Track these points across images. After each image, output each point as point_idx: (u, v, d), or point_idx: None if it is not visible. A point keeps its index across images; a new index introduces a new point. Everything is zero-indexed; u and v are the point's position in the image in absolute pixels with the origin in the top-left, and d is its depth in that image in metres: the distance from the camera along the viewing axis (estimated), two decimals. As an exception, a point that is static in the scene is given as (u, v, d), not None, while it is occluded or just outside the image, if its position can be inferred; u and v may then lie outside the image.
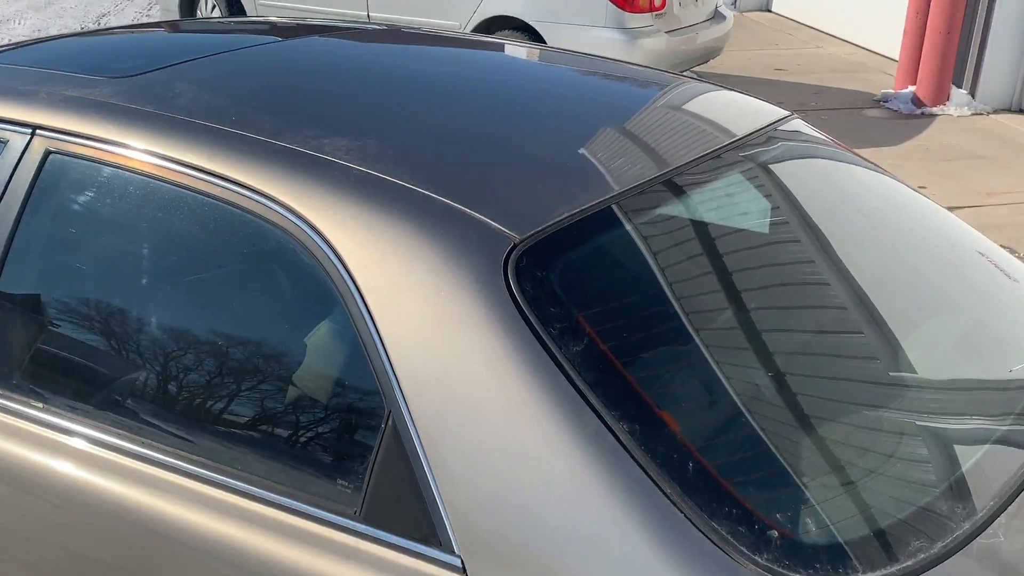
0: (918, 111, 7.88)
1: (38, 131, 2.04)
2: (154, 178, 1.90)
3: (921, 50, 8.05)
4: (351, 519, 1.64)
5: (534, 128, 2.11)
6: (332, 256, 1.69)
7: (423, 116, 2.11)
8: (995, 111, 8.00)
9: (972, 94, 8.05)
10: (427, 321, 1.62)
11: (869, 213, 2.30)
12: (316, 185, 1.76)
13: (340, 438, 1.77)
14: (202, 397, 1.91)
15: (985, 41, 7.97)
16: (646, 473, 1.48)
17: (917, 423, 1.81)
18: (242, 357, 1.91)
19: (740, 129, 2.20)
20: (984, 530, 1.55)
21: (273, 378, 1.86)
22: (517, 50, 2.90)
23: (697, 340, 1.76)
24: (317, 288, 1.74)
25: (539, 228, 1.70)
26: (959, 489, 1.65)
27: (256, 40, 2.71)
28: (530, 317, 1.59)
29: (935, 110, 7.90)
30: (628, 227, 1.82)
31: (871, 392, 1.84)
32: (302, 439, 1.81)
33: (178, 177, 1.86)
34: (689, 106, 2.36)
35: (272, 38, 2.73)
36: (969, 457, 1.74)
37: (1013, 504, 1.60)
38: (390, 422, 1.62)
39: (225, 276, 1.96)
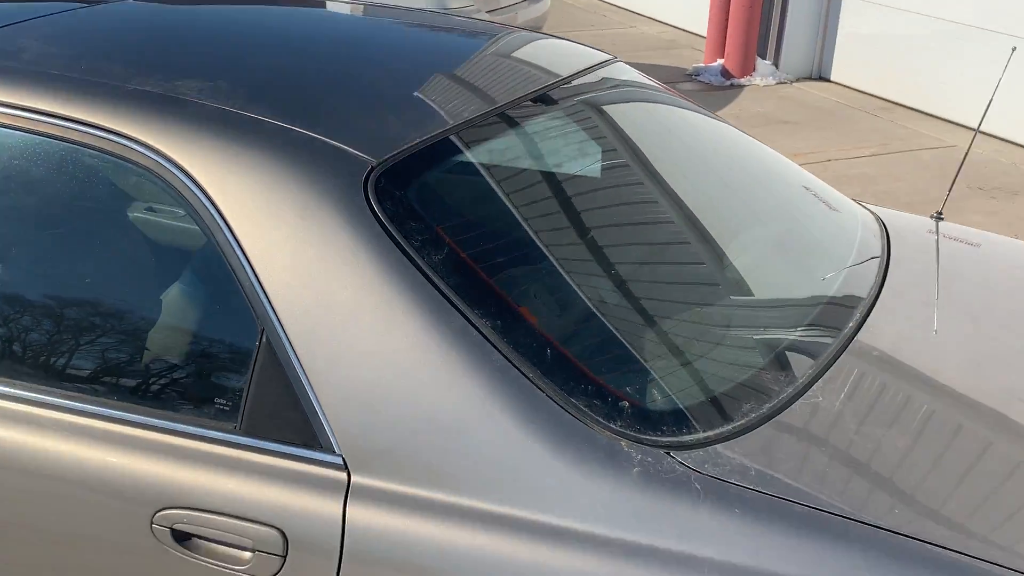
0: (727, 82, 8.30)
1: None
2: (9, 128, 1.94)
3: (727, 25, 8.48)
4: (232, 433, 1.74)
5: (379, 70, 2.23)
6: (196, 189, 1.77)
7: (272, 59, 2.21)
8: (797, 79, 8.49)
9: (776, 64, 8.52)
10: (293, 242, 1.72)
11: (695, 141, 2.51)
12: (174, 123, 1.83)
13: (216, 360, 1.86)
14: (81, 334, 1.97)
15: (785, 14, 8.46)
16: (509, 361, 1.63)
17: (741, 312, 2.02)
18: (117, 293, 1.97)
19: (567, 69, 2.38)
20: (804, 394, 1.76)
21: (149, 310, 1.93)
22: (359, 6, 3.01)
23: (546, 247, 1.92)
24: (184, 221, 1.82)
25: (393, 152, 1.83)
26: (780, 363, 1.86)
27: None
28: (392, 231, 1.71)
29: (743, 81, 8.33)
30: (473, 151, 1.97)
31: (701, 288, 2.04)
32: (179, 365, 1.90)
33: (35, 126, 1.90)
34: (519, 51, 2.52)
35: None
36: (788, 337, 1.95)
37: (826, 374, 1.82)
38: (264, 339, 1.72)
39: (92, 215, 2.02)
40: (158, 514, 1.74)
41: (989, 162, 6.82)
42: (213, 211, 1.77)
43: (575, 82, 2.33)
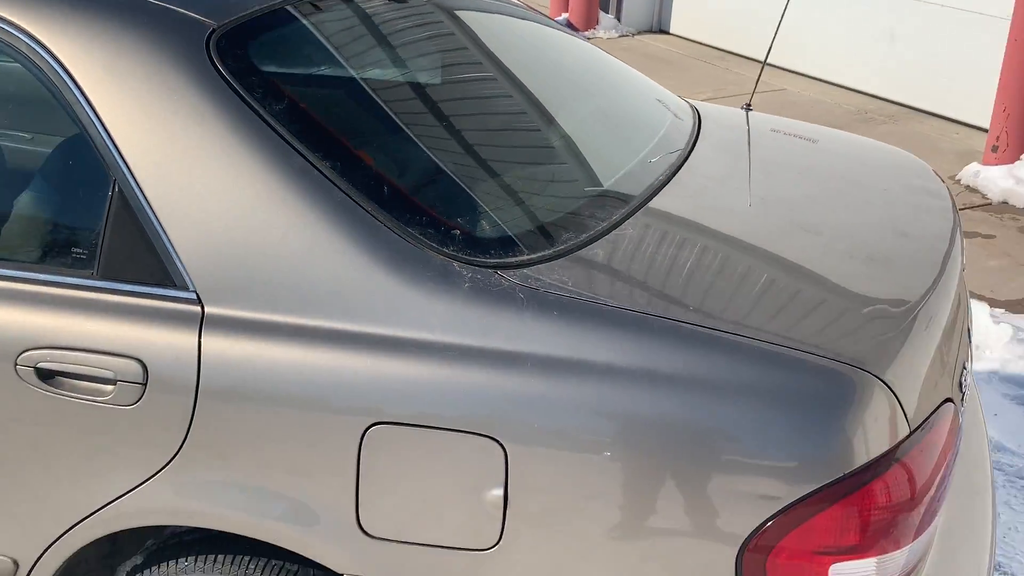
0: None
1: None
2: None
3: (571, -19, 8.73)
4: (90, 279, 1.86)
5: None
6: (48, 57, 1.88)
7: None
8: (638, 32, 8.81)
9: (618, 18, 8.83)
10: (142, 97, 1.85)
11: (534, 34, 2.69)
12: None
13: (74, 212, 1.97)
14: None
15: (625, -30, 8.78)
16: (348, 196, 1.79)
17: (564, 166, 2.23)
18: None
19: None
20: (613, 230, 1.97)
21: (8, 174, 2.03)
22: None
23: (383, 103, 2.08)
24: (38, 87, 1.92)
25: (233, 17, 1.97)
26: (596, 206, 2.07)
27: None
28: (233, 84, 1.86)
29: (587, 34, 8.61)
30: (310, 20, 2.12)
31: (528, 144, 2.23)
32: (37, 220, 2.00)
33: None
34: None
35: None
36: (602, 188, 2.17)
37: (634, 216, 2.04)
38: (116, 190, 1.85)
39: None
40: (21, 355, 1.85)
41: (815, 103, 7.23)
42: (64, 75, 1.88)
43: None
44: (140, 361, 1.80)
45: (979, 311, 4.49)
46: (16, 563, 1.98)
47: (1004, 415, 3.86)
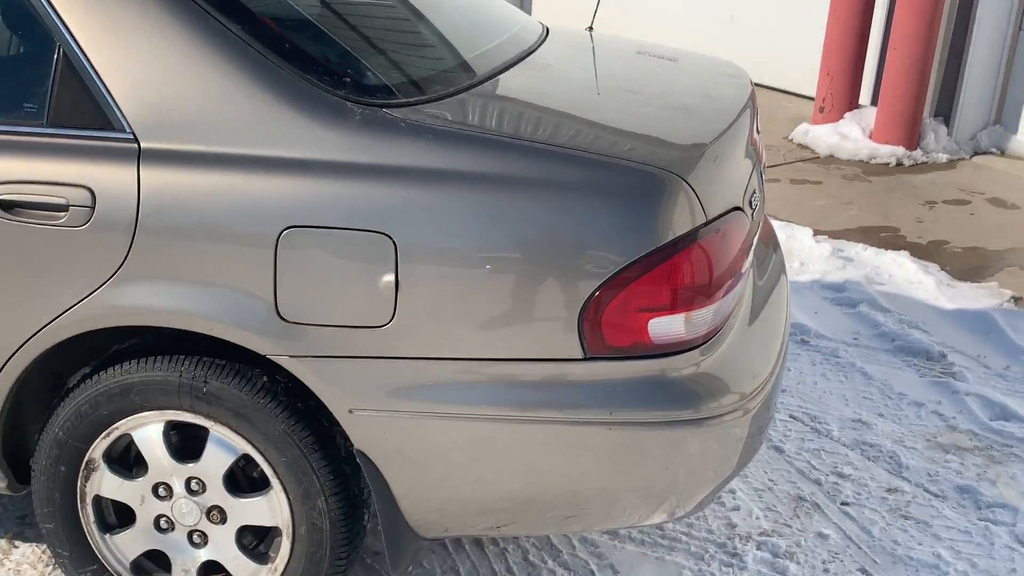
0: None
1: None
2: None
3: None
4: (41, 127, 2.27)
5: None
6: None
7: None
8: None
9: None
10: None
11: None
12: None
13: (27, 72, 2.36)
14: None
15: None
16: (258, 52, 2.23)
17: (438, 35, 2.72)
18: None
19: None
20: (479, 85, 2.47)
21: None
22: None
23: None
24: None
25: None
26: (465, 68, 2.56)
27: None
28: None
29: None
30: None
31: (407, 20, 2.72)
32: (3, 82, 2.40)
33: None
34: None
35: None
36: (470, 54, 2.66)
37: (496, 77, 2.54)
38: (60, 53, 2.25)
39: None
40: (-17, 191, 2.25)
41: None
42: None
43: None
44: (89, 189, 2.21)
45: (804, 235, 5.15)
46: (-24, 377, 2.36)
47: (823, 313, 4.48)
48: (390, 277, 2.15)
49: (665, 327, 2.18)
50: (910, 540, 3.07)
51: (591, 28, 3.49)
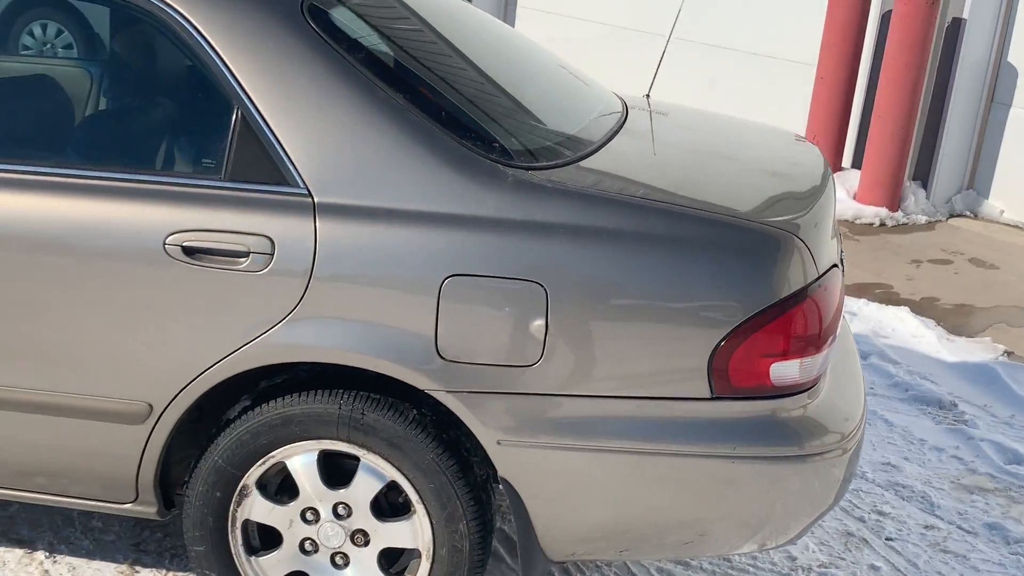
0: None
1: None
2: None
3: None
4: (219, 180, 2.52)
5: None
6: (187, 24, 2.54)
7: None
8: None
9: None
10: (261, 46, 2.53)
11: (493, 29, 3.45)
12: None
13: (207, 132, 2.61)
14: (125, 123, 2.69)
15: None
16: (421, 119, 2.51)
17: (554, 116, 3.01)
18: (150, 101, 2.72)
19: None
20: (594, 153, 2.77)
21: (157, 110, 2.67)
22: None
23: (434, 58, 2.82)
24: (178, 44, 2.58)
25: None
26: (581, 139, 2.86)
27: None
28: (324, 37, 2.56)
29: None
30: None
31: (529, 96, 3.01)
32: (180, 140, 2.65)
33: None
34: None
35: None
36: (581, 128, 2.95)
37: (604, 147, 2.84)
38: (239, 115, 2.52)
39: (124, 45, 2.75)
40: (169, 237, 2.48)
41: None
42: (195, 33, 2.54)
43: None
44: (269, 238, 2.46)
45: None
46: (150, 406, 2.58)
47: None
48: (541, 321, 2.42)
49: (783, 371, 2.48)
50: (952, 571, 3.38)
51: (648, 95, 3.80)
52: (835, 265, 2.68)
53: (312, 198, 2.48)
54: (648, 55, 8.88)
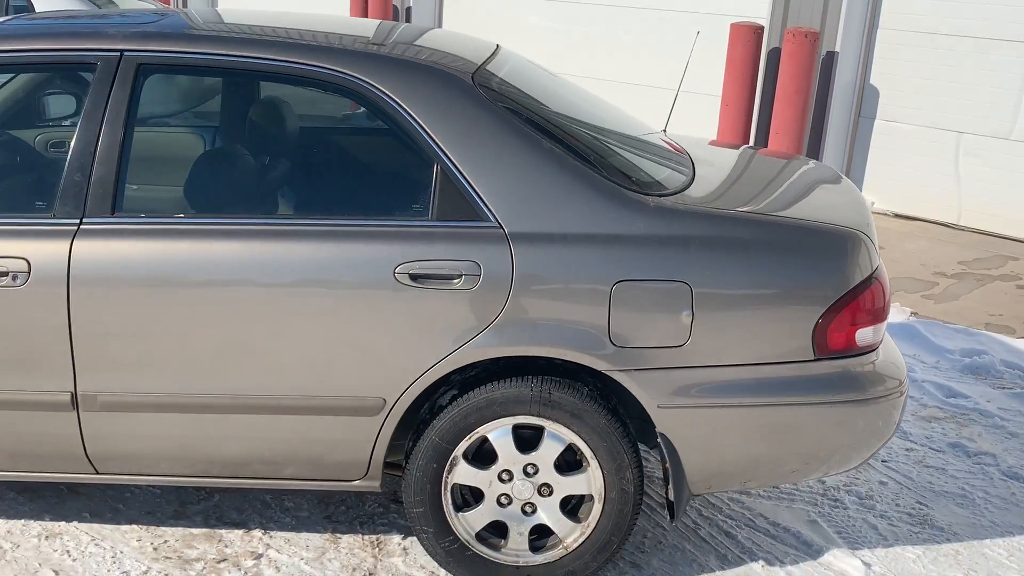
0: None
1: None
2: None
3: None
4: (429, 220, 2.79)
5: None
6: (386, 95, 2.81)
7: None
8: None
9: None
10: (449, 112, 2.81)
11: (582, 95, 3.76)
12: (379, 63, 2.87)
13: (416, 182, 2.87)
14: (348, 184, 2.99)
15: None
16: (582, 165, 2.82)
17: (659, 158, 3.34)
18: (356, 158, 2.96)
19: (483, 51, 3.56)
20: (691, 184, 3.12)
21: (377, 167, 2.93)
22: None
23: (581, 117, 3.13)
24: (385, 116, 2.84)
25: (477, 68, 2.97)
26: (678, 176, 3.20)
27: None
28: (491, 102, 2.85)
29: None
30: (503, 68, 3.13)
31: (638, 149, 3.33)
32: (399, 190, 2.91)
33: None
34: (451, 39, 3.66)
35: None
36: (669, 167, 3.29)
37: (695, 179, 3.19)
38: (439, 170, 2.79)
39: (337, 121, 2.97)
40: (398, 267, 2.74)
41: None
42: (398, 106, 2.81)
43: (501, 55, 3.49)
44: (476, 262, 2.75)
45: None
46: (384, 400, 2.83)
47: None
48: (688, 311, 2.76)
49: (863, 335, 2.87)
50: (938, 480, 3.84)
51: (664, 131, 4.16)
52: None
53: (503, 229, 2.77)
54: (577, 22, 9.23)
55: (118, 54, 2.84)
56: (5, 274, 2.73)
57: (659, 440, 2.88)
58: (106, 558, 3.09)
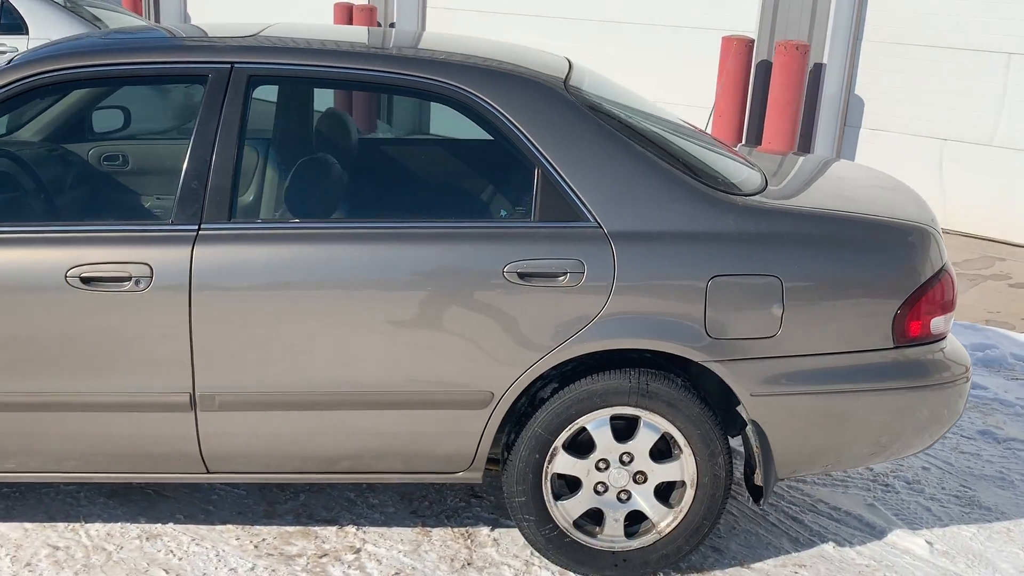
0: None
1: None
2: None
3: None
4: (529, 221, 2.91)
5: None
6: (493, 108, 2.92)
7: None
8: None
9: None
10: (548, 119, 2.94)
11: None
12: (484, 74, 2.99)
13: (520, 186, 2.99)
14: (458, 189, 3.07)
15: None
16: (674, 170, 2.97)
17: (720, 165, 3.50)
18: (462, 164, 3.08)
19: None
20: (766, 187, 3.28)
21: (483, 172, 3.05)
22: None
23: (662, 122, 3.27)
24: (489, 125, 2.96)
25: (564, 77, 3.11)
26: (760, 179, 3.36)
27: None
28: (582, 108, 2.99)
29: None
30: (588, 84, 3.27)
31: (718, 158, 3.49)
32: (504, 194, 3.02)
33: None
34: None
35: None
36: (742, 177, 3.45)
37: (767, 184, 3.35)
38: (540, 174, 2.92)
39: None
40: (506, 267, 2.86)
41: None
42: (501, 115, 2.93)
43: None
44: (580, 260, 2.87)
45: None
46: (492, 394, 2.94)
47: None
48: (779, 304, 2.91)
49: (937, 324, 3.05)
50: (975, 465, 4.04)
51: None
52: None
53: (603, 228, 2.90)
54: (562, 37, 9.42)
55: (229, 66, 2.93)
56: (127, 279, 2.80)
57: (749, 427, 3.02)
58: (210, 556, 3.15)
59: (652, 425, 3.02)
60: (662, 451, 3.08)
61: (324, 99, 3.38)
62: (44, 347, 2.84)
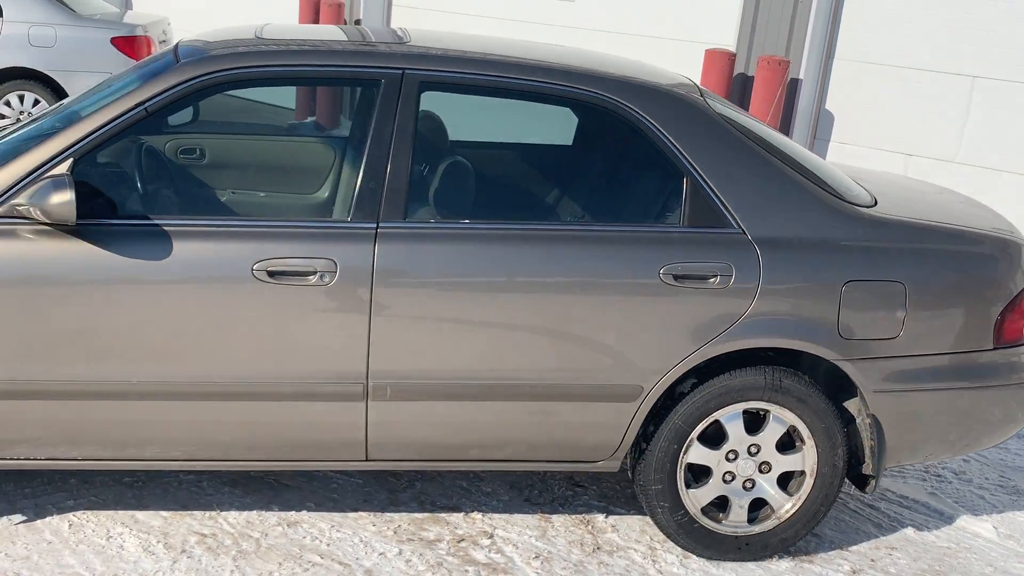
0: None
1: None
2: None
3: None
4: (676, 227, 3.09)
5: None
6: (644, 118, 3.09)
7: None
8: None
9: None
10: (694, 130, 3.12)
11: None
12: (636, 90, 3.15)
13: (670, 192, 3.15)
14: (613, 194, 3.22)
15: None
16: (802, 177, 3.18)
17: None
18: (617, 171, 3.22)
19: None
20: (876, 200, 3.53)
21: (638, 179, 3.21)
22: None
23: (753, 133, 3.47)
24: (642, 136, 3.11)
25: (700, 91, 3.29)
26: (852, 189, 3.60)
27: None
28: (718, 118, 3.19)
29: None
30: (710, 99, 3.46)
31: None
32: (656, 200, 3.18)
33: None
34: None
35: None
36: (849, 186, 3.69)
37: (849, 191, 3.60)
38: (688, 183, 3.10)
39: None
40: (662, 268, 3.02)
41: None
42: (651, 125, 3.10)
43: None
44: (729, 264, 3.06)
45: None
46: (642, 388, 3.10)
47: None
48: (902, 308, 3.16)
49: (1031, 327, 3.35)
50: (1007, 457, 4.38)
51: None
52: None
53: (747, 235, 3.10)
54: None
55: (400, 72, 3.02)
56: (313, 273, 2.87)
57: (861, 420, 3.25)
58: (355, 542, 3.23)
59: (780, 419, 3.22)
60: (785, 443, 3.28)
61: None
62: (223, 338, 2.88)
